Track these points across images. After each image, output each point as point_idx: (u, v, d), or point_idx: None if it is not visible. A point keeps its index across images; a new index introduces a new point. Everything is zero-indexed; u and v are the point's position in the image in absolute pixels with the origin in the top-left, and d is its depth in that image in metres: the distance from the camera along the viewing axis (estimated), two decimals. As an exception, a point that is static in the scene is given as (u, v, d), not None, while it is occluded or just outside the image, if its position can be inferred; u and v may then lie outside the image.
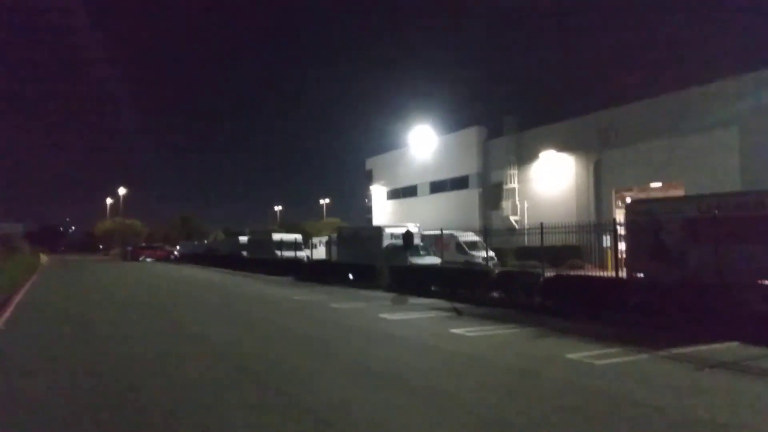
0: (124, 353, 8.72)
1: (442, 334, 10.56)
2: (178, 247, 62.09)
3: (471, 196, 43.29)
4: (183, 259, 54.79)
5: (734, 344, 9.56)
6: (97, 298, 18.46)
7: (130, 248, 60.05)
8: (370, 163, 57.74)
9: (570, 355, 8.48)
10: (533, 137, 38.48)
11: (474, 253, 30.99)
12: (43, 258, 50.57)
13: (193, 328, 11.47)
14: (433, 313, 13.87)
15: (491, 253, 30.57)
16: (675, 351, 8.93)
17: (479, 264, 27.51)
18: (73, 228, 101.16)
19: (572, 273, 17.67)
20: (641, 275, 14.97)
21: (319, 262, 30.33)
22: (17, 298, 17.60)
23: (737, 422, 5.36)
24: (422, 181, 48.90)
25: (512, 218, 38.51)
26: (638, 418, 5.49)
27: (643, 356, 8.54)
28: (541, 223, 17.98)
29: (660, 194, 28.76)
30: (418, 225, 29.77)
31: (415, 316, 13.19)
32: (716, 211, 13.10)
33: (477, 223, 39.68)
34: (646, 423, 5.35)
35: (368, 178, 57.37)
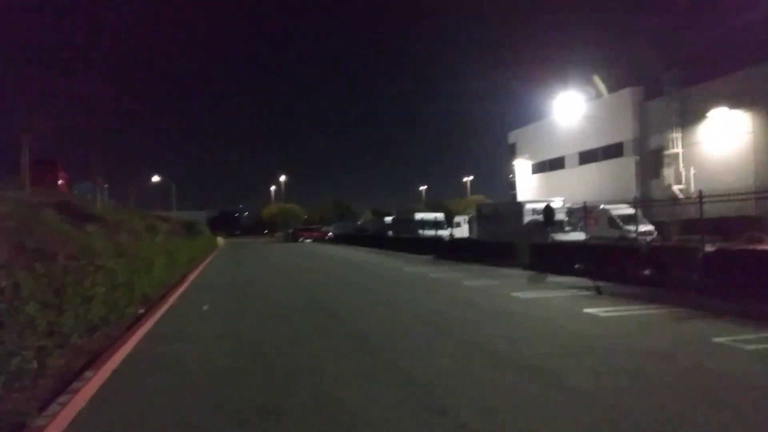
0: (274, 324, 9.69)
1: (573, 313, 10.05)
2: (332, 228, 66.38)
3: (626, 165, 39.77)
4: (336, 239, 58.43)
5: None
6: (257, 270, 20.62)
7: (290, 231, 65.60)
8: (513, 136, 55.85)
9: (717, 339, 7.57)
10: (699, 94, 34.02)
11: (629, 227, 28.62)
12: (221, 241, 57.46)
13: (326, 300, 12.32)
14: (570, 292, 13.22)
15: (650, 227, 28.06)
16: None
17: (636, 239, 25.38)
18: (246, 213, 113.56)
19: (739, 247, 15.48)
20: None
21: (460, 240, 30.36)
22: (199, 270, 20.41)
23: None
24: (570, 151, 46.09)
25: (676, 187, 34.67)
26: (759, 402, 4.79)
27: (813, 344, 7.31)
28: (700, 191, 16.06)
29: None
30: (563, 199, 28.26)
31: (550, 295, 12.69)
32: None
33: (634, 194, 36.42)
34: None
35: (511, 152, 55.62)
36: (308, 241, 60.02)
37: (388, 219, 48.45)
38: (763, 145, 30.20)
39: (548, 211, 22.05)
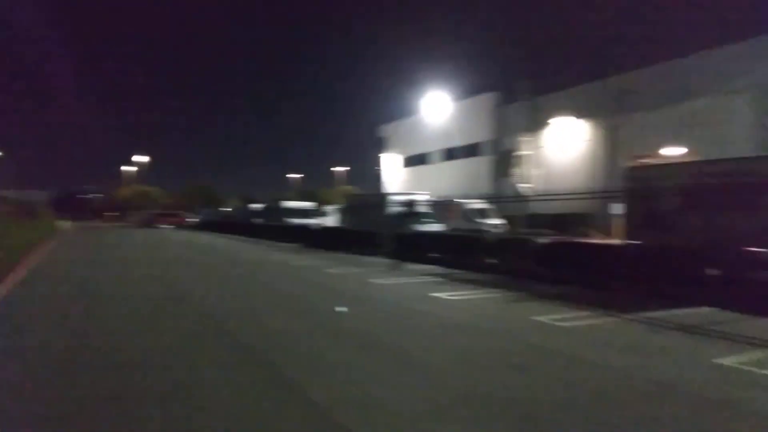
0: (117, 313, 9.16)
1: (420, 297, 10.81)
2: (195, 215, 63.25)
3: (482, 163, 43.02)
4: (200, 226, 55.87)
5: (706, 309, 9.63)
6: (103, 259, 19.16)
7: (147, 215, 61.34)
8: (384, 130, 57.53)
9: (538, 318, 8.67)
10: (547, 103, 37.79)
11: (482, 220, 30.96)
12: (64, 224, 52.09)
13: (181, 287, 11.91)
14: (422, 278, 14.12)
15: (500, 221, 30.70)
16: (645, 315, 9.06)
17: (486, 231, 27.59)
18: (95, 195, 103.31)
19: (567, 239, 17.63)
20: (638, 242, 14.94)
21: (327, 229, 30.72)
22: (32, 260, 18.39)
23: (666, 379, 5.51)
24: (435, 148, 48.69)
25: (524, 185, 38.23)
26: (570, 372, 5.69)
27: (611, 319, 8.69)
28: (539, 191, 17.91)
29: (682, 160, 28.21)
30: (427, 193, 29.82)
31: (404, 281, 13.46)
32: (706, 178, 12.94)
33: (488, 190, 39.52)
34: (577, 376, 5.54)
35: (382, 146, 57.27)
36: (166, 227, 56.57)
37: (256, 206, 47.35)
38: (599, 152, 34.40)
39: (409, 203, 23.20)
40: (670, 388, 5.27)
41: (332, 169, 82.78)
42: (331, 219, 38.81)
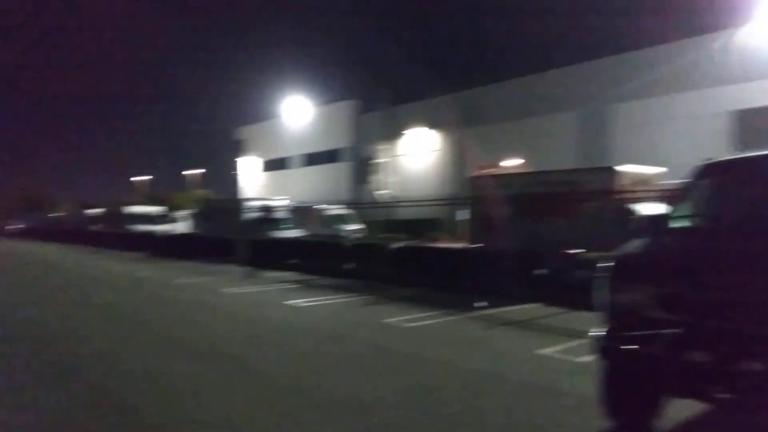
0: None
1: (274, 305, 10.67)
2: (19, 221, 55.86)
3: (342, 170, 43.72)
4: (26, 234, 49.39)
5: (533, 305, 10.73)
6: None
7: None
8: (242, 132, 55.84)
9: (388, 320, 9.00)
10: (404, 113, 39.53)
11: (341, 226, 31.33)
12: None
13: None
14: (278, 286, 13.94)
15: (359, 226, 31.37)
16: (483, 312, 9.84)
17: (345, 237, 28.00)
18: None
19: (419, 244, 18.59)
20: (479, 245, 16.20)
21: (178, 236, 28.99)
22: None
23: (494, 370, 6.05)
24: (296, 153, 48.42)
25: (381, 192, 39.55)
26: (410, 369, 6.02)
27: (452, 318, 9.32)
28: (395, 197, 18.64)
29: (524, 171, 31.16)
30: (285, 198, 29.49)
31: (259, 289, 13.17)
32: (535, 188, 14.50)
33: (348, 196, 40.23)
34: (416, 373, 5.87)
35: (240, 149, 55.50)
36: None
37: (94, 212, 43.09)
38: (449, 161, 36.74)
39: (266, 208, 22.79)
40: (497, 378, 5.80)
41: (185, 172, 78.05)
42: (182, 225, 36.70)
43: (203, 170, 71.64)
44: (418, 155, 38.72)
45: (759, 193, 4.18)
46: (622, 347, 3.67)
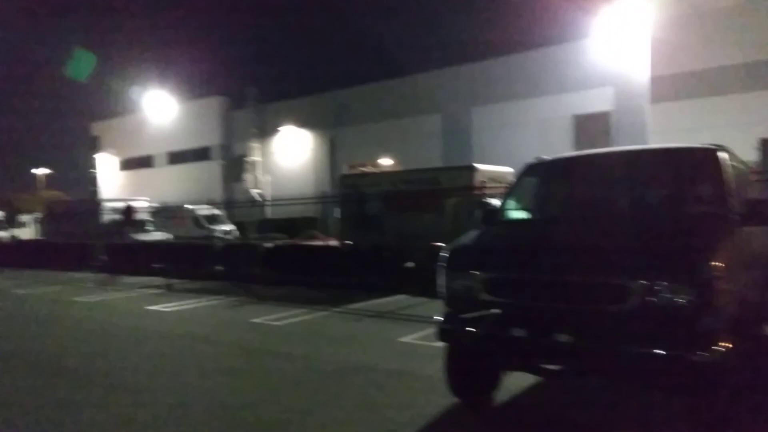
0: None
1: (134, 312, 10.10)
2: None
3: (213, 168, 42.01)
4: None
5: (402, 297, 11.26)
6: None
7: None
8: (97, 128, 51.27)
9: (255, 320, 8.94)
10: (275, 111, 38.94)
11: (213, 227, 30.16)
12: None
13: None
14: (140, 292, 13.18)
15: (231, 227, 30.38)
16: (352, 306, 10.13)
17: (216, 238, 27.02)
18: None
19: (291, 243, 18.56)
20: (351, 242, 16.57)
21: (23, 242, 26.02)
22: None
23: (357, 361, 6.33)
24: (160, 151, 45.54)
25: (255, 191, 38.63)
26: (275, 367, 6.10)
27: (322, 314, 9.49)
28: (269, 196, 18.39)
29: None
30: (146, 198, 27.72)
31: (118, 296, 12.34)
32: (402, 186, 15.18)
33: (219, 195, 38.75)
34: (281, 370, 5.96)
35: (95, 146, 50.90)
36: None
37: None
38: (322, 160, 36.88)
39: (128, 210, 21.29)
40: (359, 368, 6.07)
41: (35, 171, 69.73)
42: (29, 230, 33.00)
43: (51, 170, 64.65)
44: (291, 154, 38.43)
45: (571, 189, 4.87)
46: (457, 330, 4.08)
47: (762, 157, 10.88)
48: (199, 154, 42.93)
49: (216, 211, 30.67)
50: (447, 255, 4.30)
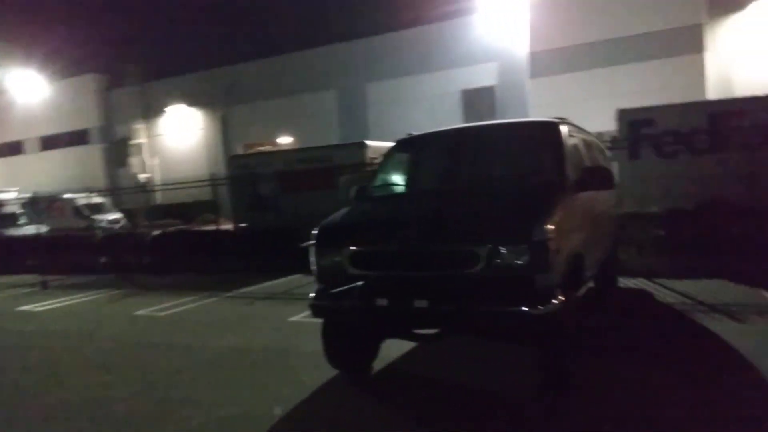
0: None
1: (3, 314, 9.29)
2: None
3: (93, 153, 38.94)
4: None
5: (298, 276, 11.24)
6: None
7: None
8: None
9: (139, 312, 8.59)
10: (160, 89, 36.61)
11: (98, 216, 28.12)
12: None
13: None
14: (10, 292, 12.15)
15: (118, 215, 28.48)
16: (244, 290, 10.04)
17: (101, 228, 25.26)
18: None
19: (181, 229, 17.84)
20: (245, 224, 16.21)
21: None
22: None
23: (240, 344, 6.32)
24: (30, 135, 41.36)
25: (142, 176, 36.37)
26: (155, 358, 5.96)
27: (211, 300, 9.30)
28: (145, 182, 17.43)
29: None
30: (15, 189, 25.25)
31: (-18, 298, 11.24)
32: (295, 165, 15.06)
33: (102, 182, 36.12)
34: (161, 361, 5.83)
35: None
36: None
37: None
38: (212, 140, 35.41)
39: (-7, 203, 19.27)
40: (246, 350, 6.07)
41: None
42: None
43: None
44: (181, 134, 36.51)
45: (432, 164, 5.15)
46: (328, 305, 4.23)
47: (619, 126, 11.95)
48: (77, 138, 39.53)
49: (99, 199, 28.61)
50: (316, 232, 4.41)
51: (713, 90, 20.39)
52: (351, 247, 4.12)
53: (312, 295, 4.38)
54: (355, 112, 30.90)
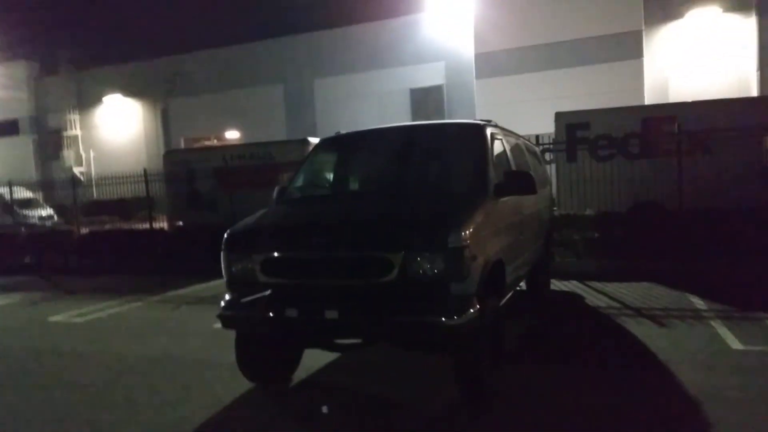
0: None
1: None
2: None
3: (24, 144, 36.70)
4: None
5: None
6: None
7: None
8: None
9: (54, 317, 8.03)
10: (96, 78, 34.85)
11: (28, 212, 26.44)
12: None
13: None
14: None
15: (50, 211, 26.91)
16: (171, 293, 9.57)
17: (29, 225, 23.79)
18: None
19: (112, 228, 17.00)
20: (180, 223, 15.56)
21: None
22: None
23: (159, 352, 5.94)
24: (-48, 124, 38.58)
25: (77, 169, 34.58)
26: (55, 369, 5.51)
27: (135, 305, 8.78)
28: (97, 175, 16.50)
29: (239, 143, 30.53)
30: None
31: None
32: (235, 161, 14.56)
33: (33, 176, 34.05)
34: (60, 371, 5.38)
35: None
36: None
37: None
38: (152, 133, 34.05)
39: None
40: (158, 360, 5.68)
41: None
42: None
43: None
44: (118, 127, 34.88)
45: (356, 165, 4.94)
46: (236, 315, 3.96)
47: (557, 129, 12.12)
48: (6, 129, 37.14)
49: (29, 194, 26.95)
50: (225, 236, 4.12)
51: (650, 95, 21.14)
52: (260, 253, 3.86)
53: (222, 304, 4.10)
54: (302, 107, 30.38)
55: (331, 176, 5.11)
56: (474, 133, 4.59)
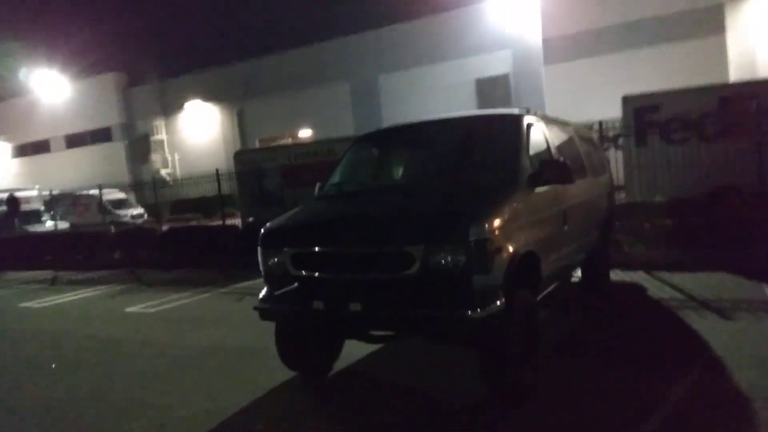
0: None
1: (8, 310, 9.53)
2: None
3: (116, 150, 39.70)
4: None
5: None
6: None
7: None
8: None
9: (129, 308, 8.68)
10: (178, 86, 37.12)
11: (121, 212, 28.72)
12: None
13: None
14: (21, 287, 12.46)
15: (140, 210, 29.01)
16: (238, 286, 10.02)
17: (124, 224, 25.81)
18: None
19: (188, 225, 18.03)
20: (251, 219, 16.27)
21: None
22: None
23: (212, 341, 6.29)
24: (56, 134, 42.39)
25: (163, 171, 37.01)
26: (117, 356, 6.00)
27: (204, 296, 9.30)
28: (180, 176, 17.64)
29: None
30: (35, 187, 25.90)
31: (-10, 295, 11.55)
32: (299, 159, 15.01)
33: (126, 178, 36.77)
34: (120, 358, 5.84)
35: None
36: None
37: None
38: (229, 135, 35.72)
39: (12, 200, 19.86)
40: (216, 349, 6.03)
41: None
42: None
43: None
44: (199, 130, 36.93)
45: (390, 160, 4.97)
46: (272, 308, 4.13)
47: (624, 113, 11.52)
48: (99, 136, 40.38)
49: (122, 195, 29.19)
50: (262, 232, 4.31)
51: (737, 73, 19.55)
52: (292, 248, 4.01)
53: (260, 297, 4.30)
54: (369, 103, 30.71)
55: (366, 171, 5.18)
56: (508, 124, 4.49)
